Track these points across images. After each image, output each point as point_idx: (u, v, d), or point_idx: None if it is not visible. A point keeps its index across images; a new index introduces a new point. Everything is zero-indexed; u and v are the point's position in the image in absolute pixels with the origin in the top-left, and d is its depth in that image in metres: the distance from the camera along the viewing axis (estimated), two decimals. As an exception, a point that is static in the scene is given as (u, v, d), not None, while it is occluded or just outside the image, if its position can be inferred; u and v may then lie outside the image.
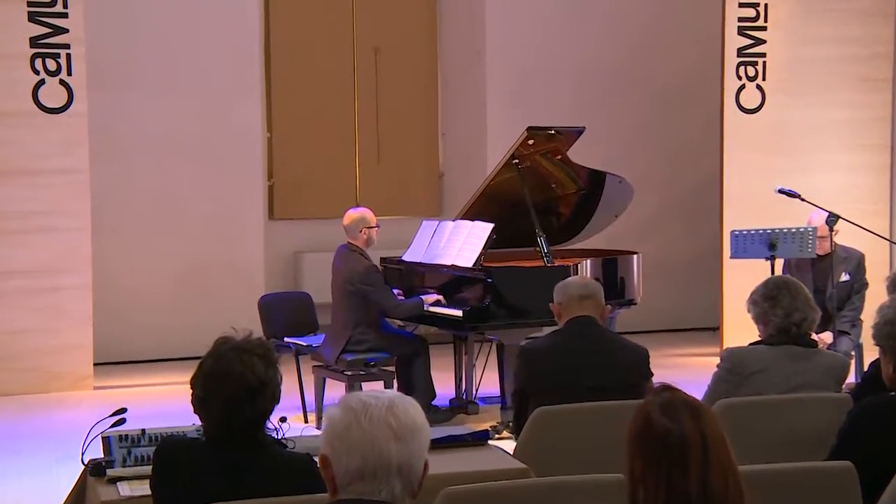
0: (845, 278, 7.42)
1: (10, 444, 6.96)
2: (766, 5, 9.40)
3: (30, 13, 8.38)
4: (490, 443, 4.31)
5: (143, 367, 9.35)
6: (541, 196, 7.54)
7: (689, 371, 8.31)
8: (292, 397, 7.09)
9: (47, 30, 8.41)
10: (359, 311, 7.04)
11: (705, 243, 10.27)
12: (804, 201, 7.59)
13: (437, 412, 7.07)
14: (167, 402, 7.60)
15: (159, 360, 9.44)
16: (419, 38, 10.72)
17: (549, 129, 7.39)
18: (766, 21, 9.40)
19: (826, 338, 7.08)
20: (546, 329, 6.15)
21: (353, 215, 7.23)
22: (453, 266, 7.13)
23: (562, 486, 3.19)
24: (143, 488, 3.47)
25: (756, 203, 9.00)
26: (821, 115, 9.50)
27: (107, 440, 3.87)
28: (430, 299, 7.06)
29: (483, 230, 7.09)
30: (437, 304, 7.05)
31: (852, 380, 5.53)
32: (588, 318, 4.66)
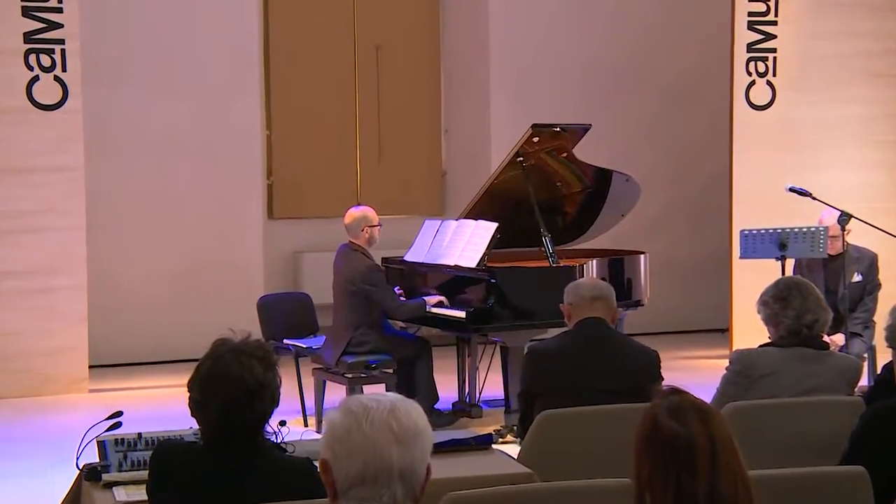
0: (858, 279, 7.41)
1: (4, 449, 6.96)
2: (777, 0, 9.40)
3: (23, 8, 8.38)
4: (494, 447, 4.31)
5: (139, 370, 9.36)
6: (546, 195, 7.54)
7: (697, 373, 8.31)
8: (292, 400, 7.09)
9: (41, 25, 8.42)
10: (360, 312, 7.04)
11: (714, 243, 10.27)
12: (815, 200, 7.58)
13: (439, 416, 7.07)
14: (164, 406, 7.61)
15: (156, 362, 9.44)
16: (421, 35, 10.71)
17: (555, 126, 7.39)
18: (776, 15, 9.40)
19: (838, 340, 7.08)
20: (551, 331, 6.16)
21: (355, 214, 7.23)
22: (456, 266, 7.13)
23: (567, 491, 3.19)
24: (139, 493, 3.47)
25: (766, 202, 8.99)
26: (832, 111, 9.49)
27: (102, 444, 3.87)
28: (432, 300, 7.06)
29: (487, 230, 7.09)
30: (439, 305, 7.05)
31: (865, 382, 5.53)
32: (598, 320, 4.67)
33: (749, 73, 9.40)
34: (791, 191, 7.70)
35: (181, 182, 9.76)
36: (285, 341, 7.53)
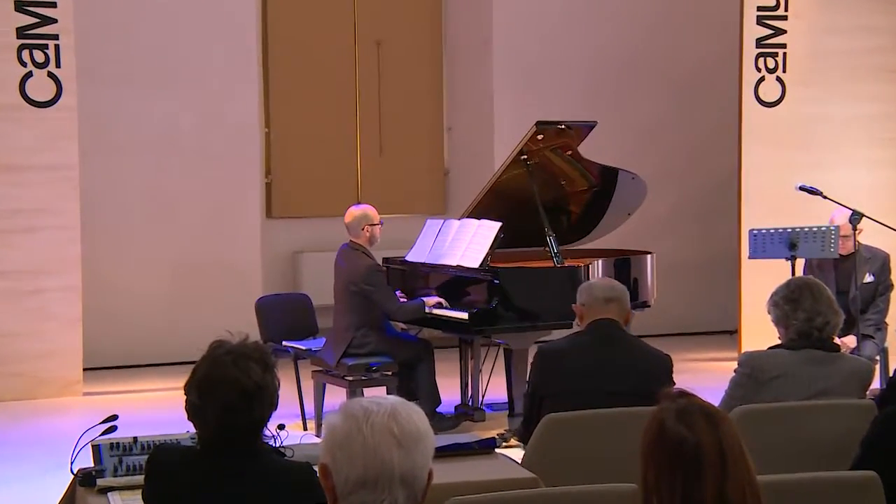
0: (869, 279, 7.41)
1: (-4, 453, 6.98)
2: (787, -7, 9.41)
3: (16, 2, 8.39)
4: (497, 451, 4.31)
5: (134, 372, 9.36)
6: (550, 194, 7.54)
7: (705, 376, 8.30)
8: (291, 404, 7.09)
9: (35, 19, 8.42)
10: (362, 313, 7.04)
11: (722, 243, 10.27)
12: (826, 199, 7.58)
13: (441, 419, 7.07)
14: (160, 409, 7.61)
15: (152, 364, 9.45)
16: (423, 29, 10.72)
17: (560, 123, 7.39)
18: (786, 10, 9.39)
19: (849, 342, 7.08)
20: (556, 333, 6.16)
21: (355, 212, 7.23)
22: (459, 267, 7.13)
23: (572, 497, 3.20)
24: (134, 499, 3.48)
25: (776, 201, 8.99)
26: (844, 108, 9.49)
27: (97, 448, 3.87)
28: (431, 301, 7.06)
29: (490, 229, 7.09)
30: (438, 306, 7.05)
31: (877, 385, 5.53)
32: (611, 322, 4.66)
33: (758, 69, 9.40)
34: (801, 189, 7.69)
35: (178, 181, 9.76)
36: (284, 343, 7.54)
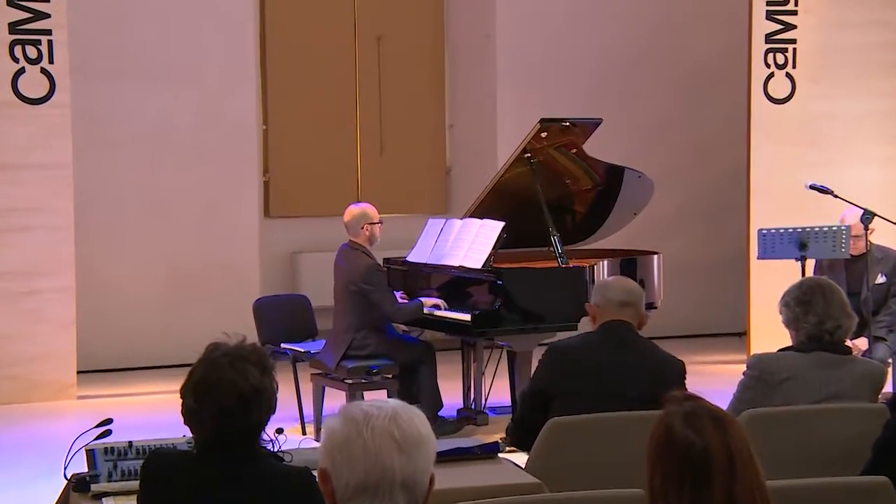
0: (881, 280, 7.41)
1: (-12, 458, 6.99)
2: (797, -12, 9.41)
3: (8, -3, 8.41)
4: (500, 455, 4.31)
5: (129, 375, 9.37)
6: (555, 192, 7.54)
7: (713, 379, 8.27)
8: (289, 407, 7.09)
9: (27, 14, 8.42)
10: (362, 314, 7.04)
11: (731, 243, 10.27)
12: (837, 198, 7.57)
13: (443, 423, 7.08)
14: (155, 413, 7.61)
15: (147, 367, 9.45)
16: (425, 25, 10.72)
17: (564, 120, 7.40)
18: (796, 5, 9.40)
19: (861, 344, 7.07)
20: (560, 335, 6.15)
21: (354, 211, 7.23)
22: (461, 267, 7.13)
23: (577, 502, 3.20)
24: (129, 504, 3.48)
25: (785, 200, 8.99)
26: (855, 104, 9.49)
27: (91, 453, 3.88)
28: (429, 302, 7.06)
29: (493, 229, 7.09)
30: (436, 307, 7.04)
31: (889, 389, 5.53)
32: (624, 324, 4.65)
33: (767, 65, 9.40)
34: (812, 188, 7.69)
35: (173, 179, 9.77)
36: (282, 345, 7.53)
